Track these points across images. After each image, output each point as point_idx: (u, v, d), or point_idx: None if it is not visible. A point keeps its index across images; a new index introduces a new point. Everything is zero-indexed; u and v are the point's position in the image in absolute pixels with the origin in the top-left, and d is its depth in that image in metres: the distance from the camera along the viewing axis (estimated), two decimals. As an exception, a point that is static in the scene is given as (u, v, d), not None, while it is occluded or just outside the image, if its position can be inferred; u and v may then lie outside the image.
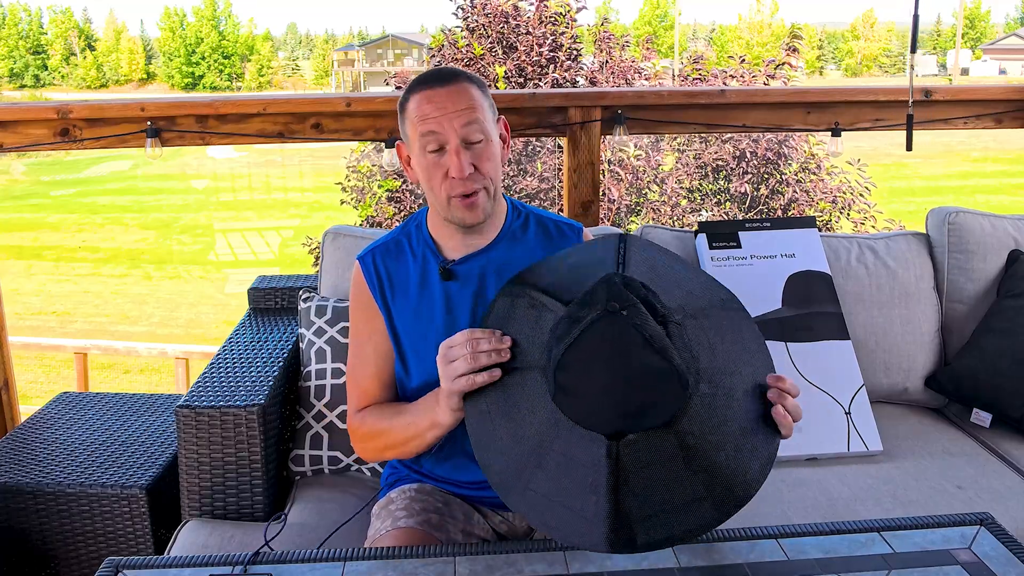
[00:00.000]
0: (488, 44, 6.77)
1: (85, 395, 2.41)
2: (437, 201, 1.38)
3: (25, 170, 24.29)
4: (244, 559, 1.12)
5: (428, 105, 1.33)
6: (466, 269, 1.42)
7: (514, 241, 1.46)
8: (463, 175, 1.32)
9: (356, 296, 1.48)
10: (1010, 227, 2.16)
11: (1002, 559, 1.13)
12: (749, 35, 51.54)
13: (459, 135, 1.32)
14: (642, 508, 1.03)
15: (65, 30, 59.75)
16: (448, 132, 1.32)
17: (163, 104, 2.34)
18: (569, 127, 2.43)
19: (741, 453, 1.09)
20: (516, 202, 1.51)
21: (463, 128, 1.33)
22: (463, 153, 1.33)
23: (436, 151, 1.34)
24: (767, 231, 2.06)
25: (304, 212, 18.08)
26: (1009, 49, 48.17)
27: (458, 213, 1.37)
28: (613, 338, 1.03)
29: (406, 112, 1.37)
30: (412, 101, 1.36)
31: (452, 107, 1.33)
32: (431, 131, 1.33)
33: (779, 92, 2.90)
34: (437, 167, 1.34)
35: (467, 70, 1.40)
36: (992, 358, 1.99)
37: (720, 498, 1.06)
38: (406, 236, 1.48)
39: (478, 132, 1.34)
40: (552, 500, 1.05)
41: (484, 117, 1.35)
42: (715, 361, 1.12)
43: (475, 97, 1.35)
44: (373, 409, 1.42)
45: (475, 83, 1.37)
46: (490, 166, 1.36)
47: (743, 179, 6.49)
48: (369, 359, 1.45)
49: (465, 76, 1.37)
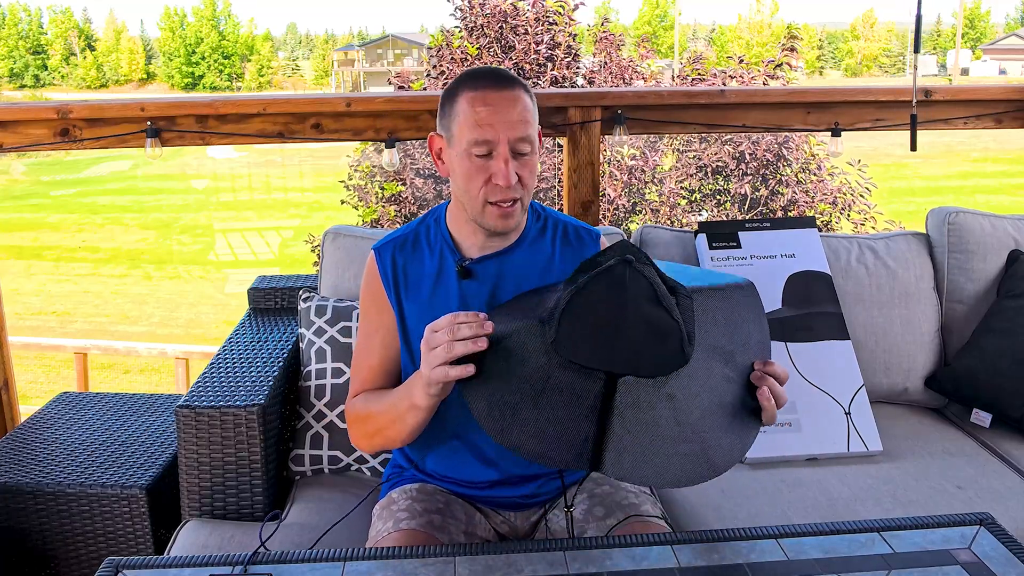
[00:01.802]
0: (487, 43, 6.77)
1: (85, 395, 2.41)
2: (471, 203, 1.36)
3: (25, 170, 24.29)
4: (244, 559, 1.12)
5: (483, 108, 1.30)
6: (484, 269, 1.42)
7: (533, 245, 1.45)
8: (510, 183, 1.31)
9: (368, 287, 1.47)
10: (1010, 227, 2.16)
11: (1002, 559, 1.13)
12: (749, 35, 51.53)
13: (511, 144, 1.31)
14: (624, 439, 1.07)
15: (65, 30, 59.75)
16: (501, 139, 1.31)
17: (163, 104, 2.34)
18: (569, 127, 2.43)
19: (725, 427, 1.13)
20: (537, 204, 1.50)
21: (517, 139, 1.31)
22: (511, 163, 1.31)
23: (484, 155, 1.32)
24: (767, 231, 2.06)
25: (304, 212, 18.09)
26: (1009, 49, 48.17)
27: (491, 220, 1.36)
28: (623, 285, 1.08)
29: (455, 108, 1.34)
30: (464, 99, 1.33)
31: (507, 115, 1.31)
32: (485, 138, 1.30)
33: (779, 92, 2.90)
34: (482, 170, 1.32)
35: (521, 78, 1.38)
36: (992, 358, 1.99)
37: (698, 459, 1.09)
38: (424, 230, 1.47)
39: (527, 144, 1.33)
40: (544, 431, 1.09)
41: (534, 129, 1.34)
42: (715, 338, 1.15)
43: (529, 108, 1.34)
44: (365, 394, 1.43)
45: (528, 91, 1.36)
46: (531, 178, 1.35)
47: (743, 180, 6.49)
48: (374, 351, 1.45)
49: (520, 84, 1.35)
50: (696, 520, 1.64)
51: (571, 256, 1.46)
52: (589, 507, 1.42)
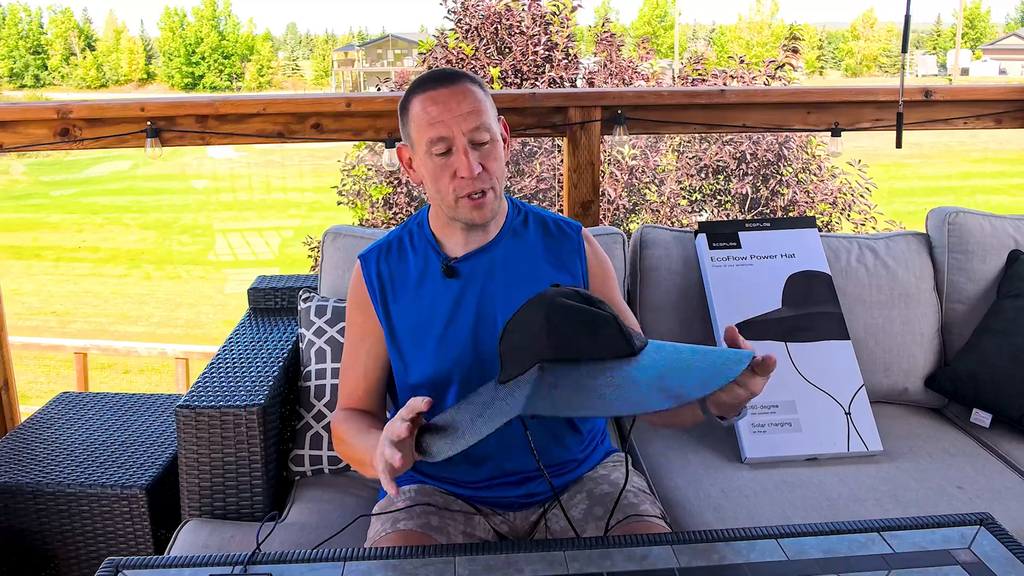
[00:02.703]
0: (482, 45, 6.77)
1: (85, 395, 2.41)
2: (444, 202, 1.38)
3: (25, 170, 24.28)
4: (244, 559, 1.12)
5: (434, 107, 1.33)
6: (469, 266, 1.44)
7: (515, 238, 1.47)
8: (473, 175, 1.33)
9: (354, 295, 1.49)
10: (1010, 227, 2.16)
11: (1002, 559, 1.13)
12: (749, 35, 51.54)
13: (467, 136, 1.33)
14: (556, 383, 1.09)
15: (65, 30, 59.73)
16: (456, 133, 1.33)
17: (163, 104, 2.34)
18: (569, 127, 2.43)
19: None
20: (515, 200, 1.53)
21: (471, 130, 1.33)
22: (471, 153, 1.33)
23: (444, 153, 1.34)
24: (767, 231, 2.06)
25: (304, 212, 18.08)
26: (1009, 49, 48.16)
27: (466, 213, 1.37)
28: (553, 297, 1.14)
29: (409, 115, 1.37)
30: (415, 104, 1.36)
31: (458, 109, 1.33)
32: (440, 136, 1.33)
33: (779, 92, 2.90)
34: (445, 168, 1.35)
35: (466, 70, 1.41)
36: (992, 358, 1.99)
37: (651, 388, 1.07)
38: (407, 235, 1.49)
39: (485, 133, 1.34)
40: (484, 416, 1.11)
41: (489, 118, 1.36)
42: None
43: (479, 98, 1.35)
44: (352, 416, 1.44)
45: (477, 83, 1.38)
46: (496, 166, 1.37)
47: (743, 181, 6.49)
48: (359, 361, 1.47)
49: (467, 76, 1.38)
50: (696, 520, 1.64)
51: (554, 247, 1.48)
52: (589, 507, 1.42)
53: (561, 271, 1.48)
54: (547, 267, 1.47)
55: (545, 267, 1.47)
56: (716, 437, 1.92)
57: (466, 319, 1.41)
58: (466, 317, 1.42)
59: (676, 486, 1.76)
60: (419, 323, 1.43)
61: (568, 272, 1.48)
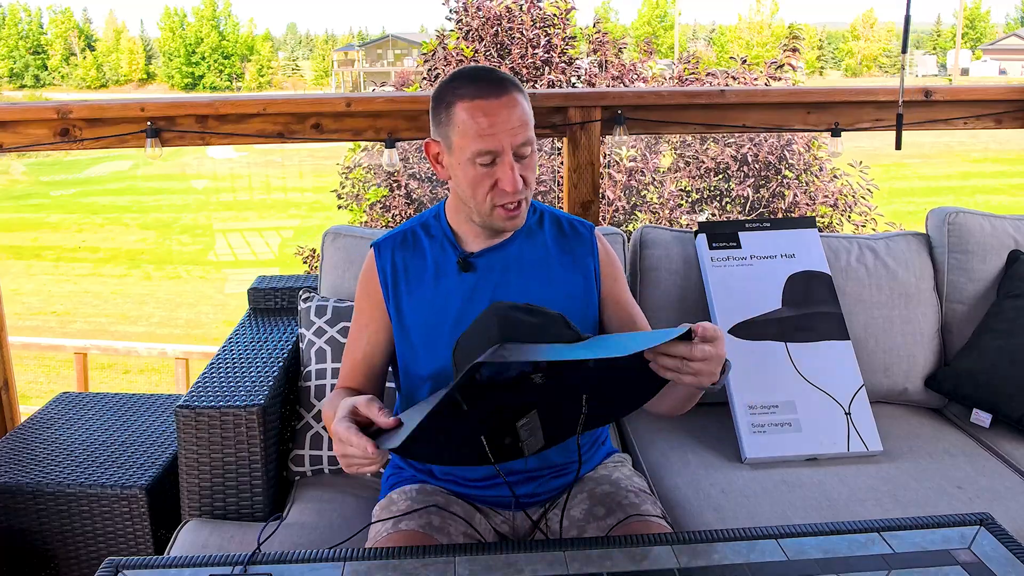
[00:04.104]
0: (482, 47, 6.76)
1: (85, 395, 2.41)
2: (478, 208, 1.37)
3: (25, 170, 24.28)
4: (244, 559, 1.12)
5: (484, 119, 1.31)
6: (485, 262, 1.45)
7: (530, 237, 1.49)
8: (517, 188, 1.33)
9: (365, 283, 1.49)
10: (1010, 227, 2.16)
11: (1002, 559, 1.13)
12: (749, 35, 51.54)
13: (514, 150, 1.33)
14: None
15: (65, 30, 59.73)
16: (505, 148, 1.32)
17: (163, 104, 2.34)
18: (569, 127, 2.43)
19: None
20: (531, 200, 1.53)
21: (519, 144, 1.33)
22: (515, 167, 1.33)
23: (489, 164, 1.33)
24: (767, 231, 2.06)
25: (304, 212, 18.09)
26: (1009, 49, 48.16)
27: (500, 222, 1.38)
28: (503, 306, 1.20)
29: (452, 117, 1.34)
30: (461, 108, 1.32)
31: (508, 123, 1.31)
32: (489, 149, 1.31)
33: (779, 92, 2.90)
34: (487, 177, 1.34)
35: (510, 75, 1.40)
36: (992, 358, 1.99)
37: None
38: (423, 227, 1.49)
39: (528, 146, 1.35)
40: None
41: (532, 129, 1.36)
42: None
43: (526, 110, 1.35)
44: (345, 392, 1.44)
45: (521, 90, 1.36)
46: (532, 176, 1.38)
47: (744, 183, 6.49)
48: (361, 345, 1.49)
49: (513, 84, 1.35)
50: (696, 520, 1.64)
51: (566, 246, 1.49)
52: (589, 507, 1.42)
53: (574, 270, 1.48)
54: (560, 266, 1.48)
55: (558, 266, 1.48)
56: (716, 437, 1.92)
57: (477, 312, 1.42)
58: (478, 311, 1.42)
59: (676, 486, 1.76)
60: (432, 315, 1.44)
61: (580, 271, 1.49)
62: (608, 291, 1.51)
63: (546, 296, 1.44)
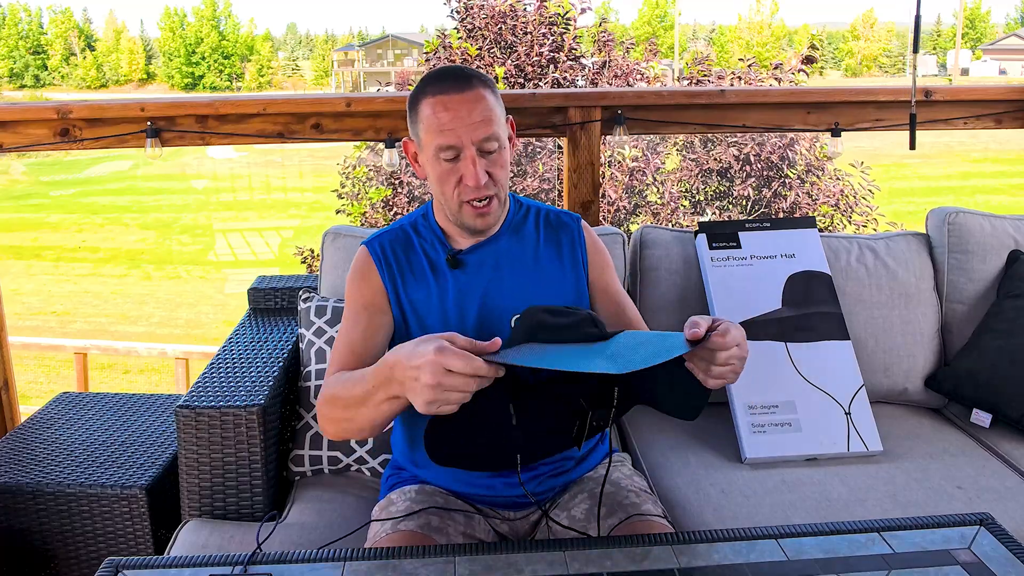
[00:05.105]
0: (486, 45, 6.76)
1: (85, 395, 2.41)
2: (448, 205, 1.39)
3: (25, 170, 24.28)
4: (244, 559, 1.12)
5: (445, 113, 1.32)
6: (474, 258, 1.46)
7: (518, 231, 1.50)
8: (479, 184, 1.33)
9: (361, 277, 1.45)
10: (1010, 227, 2.16)
11: (1002, 559, 1.13)
12: (749, 35, 51.56)
13: (476, 145, 1.33)
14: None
15: (65, 30, 59.73)
16: (465, 143, 1.32)
17: (163, 104, 2.34)
18: (569, 127, 2.43)
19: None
20: (517, 195, 1.55)
21: (481, 140, 1.33)
22: (479, 162, 1.33)
23: (452, 159, 1.34)
24: (767, 231, 2.06)
25: (304, 212, 18.09)
26: (1009, 49, 48.17)
27: (469, 220, 1.39)
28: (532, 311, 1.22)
29: (419, 115, 1.36)
30: (426, 105, 1.34)
31: (469, 117, 1.32)
32: (449, 144, 1.32)
33: (779, 92, 2.90)
34: (452, 173, 1.35)
35: (477, 70, 1.40)
36: (992, 358, 1.99)
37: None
38: (412, 226, 1.50)
39: (494, 142, 1.34)
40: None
41: (499, 125, 1.36)
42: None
43: (491, 105, 1.34)
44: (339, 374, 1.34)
45: (488, 86, 1.36)
46: (502, 173, 1.37)
47: (746, 183, 6.49)
48: (357, 331, 1.41)
49: (478, 78, 1.36)
50: (696, 520, 1.64)
51: (554, 238, 1.51)
52: (590, 507, 1.42)
53: (562, 261, 1.50)
54: (548, 257, 1.49)
55: (546, 257, 1.49)
56: (716, 437, 1.92)
57: (471, 309, 1.43)
58: (471, 307, 1.43)
59: (676, 486, 1.76)
60: (427, 312, 1.44)
61: (568, 261, 1.50)
62: (596, 279, 1.53)
63: (539, 290, 1.46)
